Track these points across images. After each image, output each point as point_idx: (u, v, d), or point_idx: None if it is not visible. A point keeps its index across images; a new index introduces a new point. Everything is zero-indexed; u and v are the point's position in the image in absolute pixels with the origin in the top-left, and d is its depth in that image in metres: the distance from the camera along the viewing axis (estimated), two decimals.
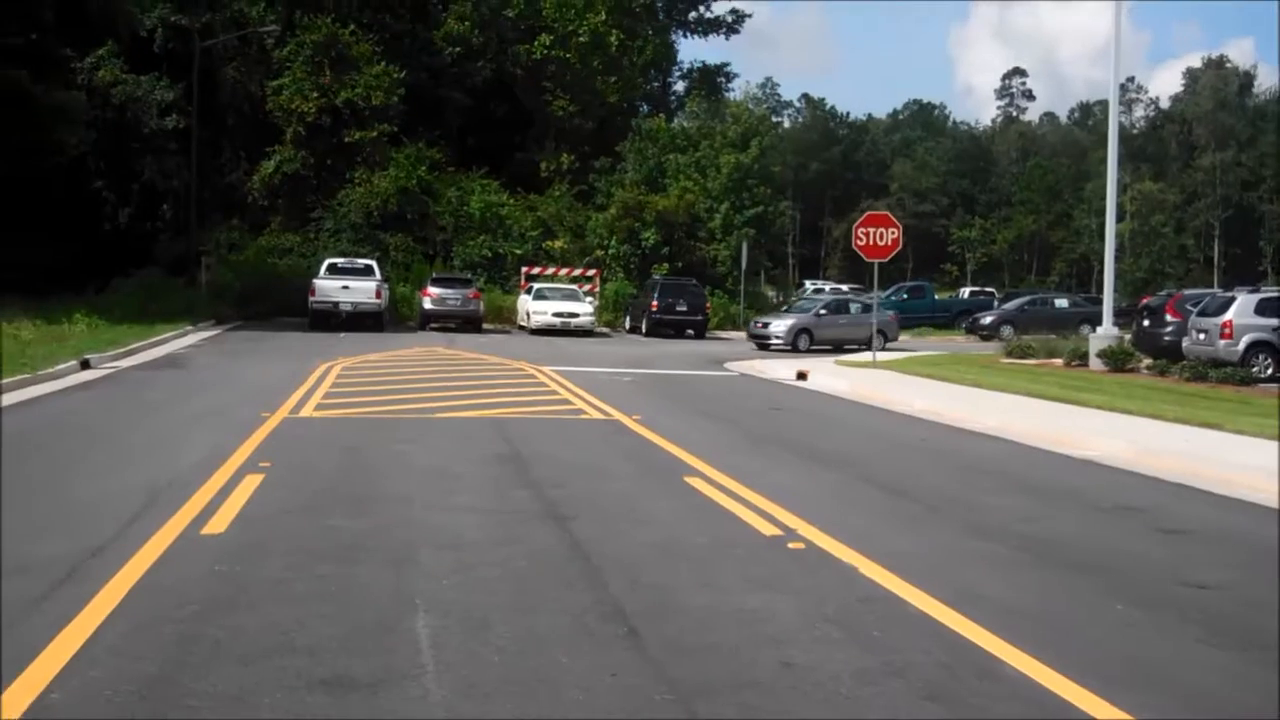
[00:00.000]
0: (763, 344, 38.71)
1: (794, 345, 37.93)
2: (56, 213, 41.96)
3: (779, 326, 39.21)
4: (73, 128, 37.58)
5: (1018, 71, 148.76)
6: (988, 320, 50.15)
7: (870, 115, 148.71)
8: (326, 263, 42.01)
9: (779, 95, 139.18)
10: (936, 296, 62.46)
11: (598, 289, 49.22)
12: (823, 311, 40.28)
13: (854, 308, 41.98)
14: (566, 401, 19.92)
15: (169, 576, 7.84)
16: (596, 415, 18.10)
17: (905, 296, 57.40)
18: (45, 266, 39.37)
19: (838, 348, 37.95)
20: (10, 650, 6.25)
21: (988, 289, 74.28)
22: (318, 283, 39.85)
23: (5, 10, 33.41)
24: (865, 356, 30.61)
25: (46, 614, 6.91)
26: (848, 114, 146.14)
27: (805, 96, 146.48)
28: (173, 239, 49.27)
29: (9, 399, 17.69)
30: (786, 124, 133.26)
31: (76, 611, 6.94)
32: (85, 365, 22.72)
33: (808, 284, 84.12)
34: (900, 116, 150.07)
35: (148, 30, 46.13)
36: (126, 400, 18.92)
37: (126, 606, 7.13)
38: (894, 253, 31.85)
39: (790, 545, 9.34)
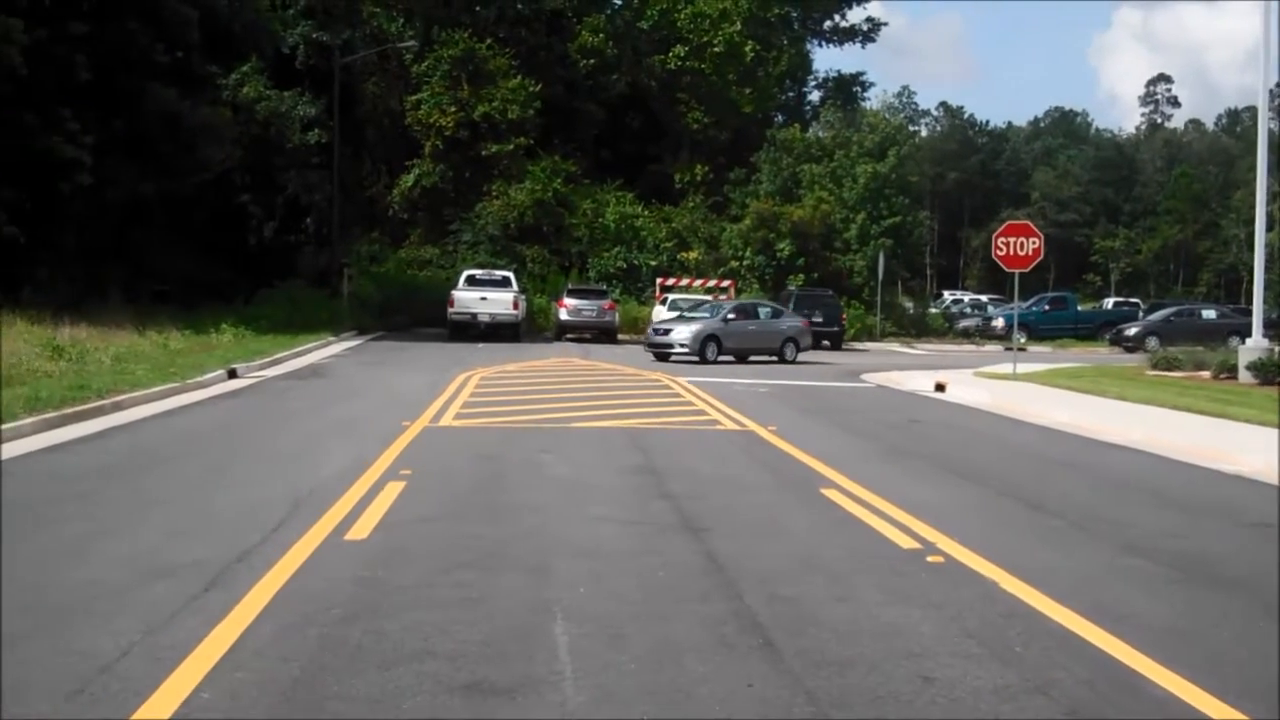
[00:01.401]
0: (662, 354, 33.51)
1: (702, 355, 32.99)
2: (204, 227, 43.14)
3: (682, 333, 33.62)
4: (219, 144, 38.55)
5: (1163, 78, 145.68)
6: (1132, 331, 48.99)
7: (1010, 123, 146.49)
8: (465, 274, 42.70)
9: (916, 104, 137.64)
10: (1079, 307, 61.25)
11: (732, 300, 49.10)
12: (731, 316, 34.93)
13: (763, 312, 36.97)
14: (702, 412, 19.91)
15: (313, 581, 8.00)
16: (732, 426, 18.07)
17: (1047, 307, 56.41)
18: (194, 279, 40.50)
19: (741, 358, 34.29)
20: (161, 651, 6.44)
21: (1132, 299, 72.59)
22: (456, 294, 40.51)
23: (154, 30, 34.45)
24: (1005, 368, 30.07)
25: (196, 616, 7.10)
26: (987, 122, 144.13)
27: (943, 105, 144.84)
28: (316, 251, 50.35)
29: (159, 406, 18.26)
30: (924, 133, 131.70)
31: (224, 614, 7.12)
32: (232, 374, 23.33)
33: (946, 294, 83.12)
34: (1041, 124, 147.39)
35: (290, 47, 47.17)
36: (271, 409, 19.38)
37: (272, 610, 7.28)
38: (1035, 263, 31.27)
39: (929, 559, 9.22)
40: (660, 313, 45.00)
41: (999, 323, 53.24)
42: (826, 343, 43.92)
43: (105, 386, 18.52)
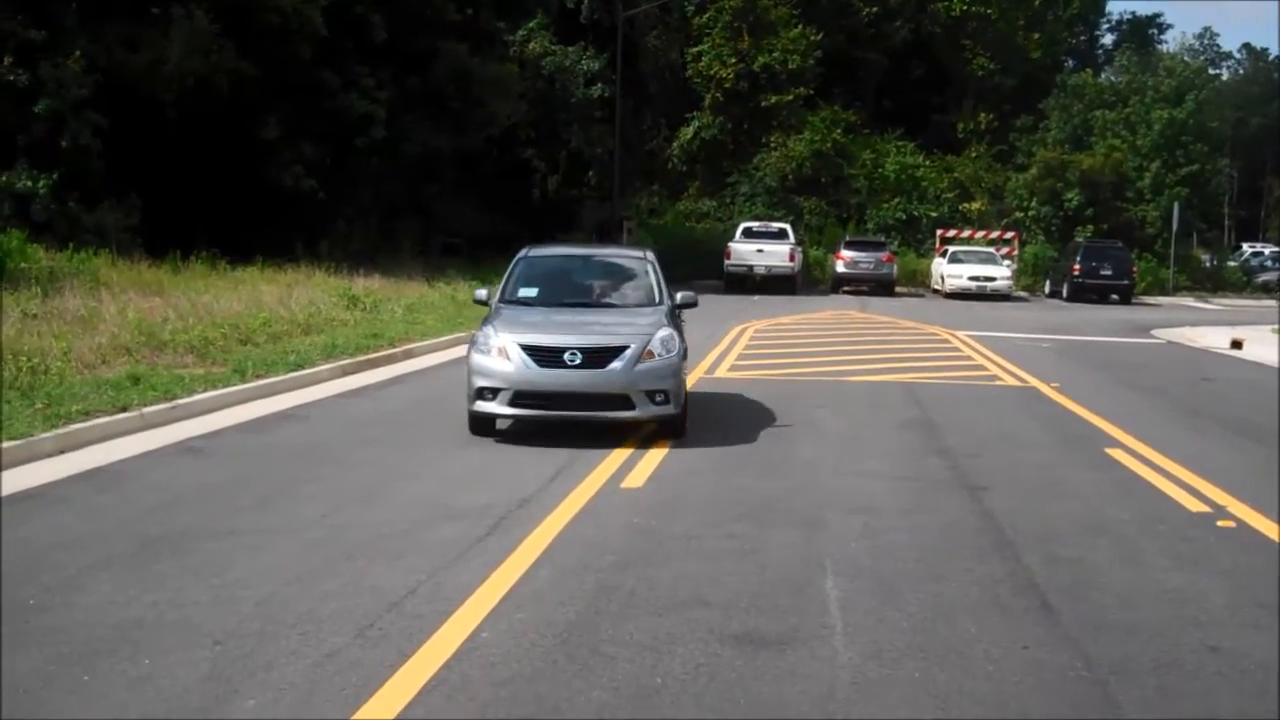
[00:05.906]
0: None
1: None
2: (491, 181, 44.41)
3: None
4: (506, 99, 39.50)
5: None
6: None
7: None
8: (742, 226, 42.82)
9: (1218, 46, 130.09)
10: None
11: (1016, 252, 47.78)
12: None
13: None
14: (981, 367, 19.47)
15: (590, 528, 8.21)
16: (1012, 382, 17.62)
17: None
18: (481, 232, 41.80)
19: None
20: (446, 590, 6.73)
21: None
22: (733, 246, 40.62)
23: None
24: None
25: (478, 558, 7.38)
26: None
27: (1246, 46, 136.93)
28: (597, 205, 51.19)
29: (447, 355, 18.93)
30: (1225, 76, 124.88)
31: (505, 558, 7.38)
32: None
33: (1245, 247, 78.97)
34: None
35: (574, 2, 47.99)
36: None
37: (551, 554, 7.51)
38: None
39: (1219, 523, 8.83)
40: (940, 264, 44.05)
41: None
42: (1115, 297, 42.30)
43: (397, 335, 19.38)
